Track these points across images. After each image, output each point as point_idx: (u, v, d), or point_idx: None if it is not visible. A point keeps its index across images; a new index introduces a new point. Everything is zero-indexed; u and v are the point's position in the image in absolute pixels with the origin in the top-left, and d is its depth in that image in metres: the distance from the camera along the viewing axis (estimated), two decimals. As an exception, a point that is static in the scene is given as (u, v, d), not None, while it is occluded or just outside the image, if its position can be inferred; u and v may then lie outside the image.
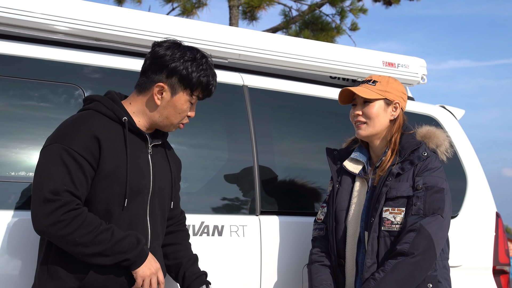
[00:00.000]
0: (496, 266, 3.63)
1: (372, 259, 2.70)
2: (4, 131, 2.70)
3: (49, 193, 2.23)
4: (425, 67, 3.91)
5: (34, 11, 2.83)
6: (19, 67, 2.76)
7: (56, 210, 2.22)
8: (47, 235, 2.27)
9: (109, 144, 2.36)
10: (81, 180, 2.30)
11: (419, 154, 2.78)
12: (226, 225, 2.99)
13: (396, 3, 11.74)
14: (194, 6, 10.89)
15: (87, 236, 2.25)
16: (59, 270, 2.33)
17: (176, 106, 2.48)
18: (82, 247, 2.26)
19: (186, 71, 2.45)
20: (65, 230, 2.23)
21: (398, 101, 2.86)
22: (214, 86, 2.54)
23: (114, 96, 2.50)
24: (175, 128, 2.55)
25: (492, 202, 3.77)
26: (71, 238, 2.24)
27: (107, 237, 2.29)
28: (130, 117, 2.46)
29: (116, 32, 3.01)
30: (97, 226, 2.29)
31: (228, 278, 2.98)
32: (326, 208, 2.97)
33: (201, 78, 2.47)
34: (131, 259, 2.34)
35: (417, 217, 2.67)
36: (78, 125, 2.35)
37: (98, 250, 2.27)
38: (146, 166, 2.47)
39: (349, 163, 2.92)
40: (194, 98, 2.51)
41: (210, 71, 2.52)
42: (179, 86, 2.47)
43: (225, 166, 3.21)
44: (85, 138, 2.32)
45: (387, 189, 2.73)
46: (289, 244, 3.12)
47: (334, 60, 3.59)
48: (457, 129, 3.85)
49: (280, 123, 3.44)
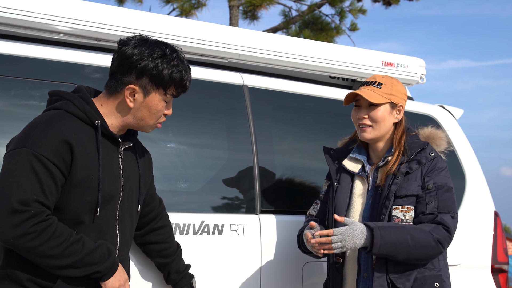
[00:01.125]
0: (495, 265, 3.63)
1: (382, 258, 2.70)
2: (6, 131, 2.70)
3: (18, 203, 2.07)
4: (424, 67, 3.93)
5: (36, 11, 2.84)
6: (21, 67, 2.77)
7: (24, 221, 2.07)
8: (14, 247, 2.11)
9: (81, 150, 2.21)
10: (52, 188, 2.14)
11: (426, 154, 2.81)
12: (226, 224, 3.00)
13: (396, 3, 11.76)
14: (192, 7, 10.90)
15: (57, 248, 2.12)
16: (21, 276, 2.18)
17: (151, 107, 2.33)
18: (51, 260, 2.13)
19: (156, 70, 2.29)
20: (33, 242, 2.09)
21: (402, 104, 2.88)
22: (188, 81, 2.37)
23: (86, 95, 2.33)
24: (152, 128, 2.41)
25: (491, 201, 3.78)
26: (40, 251, 2.10)
27: (78, 248, 2.17)
28: (103, 120, 2.31)
29: (117, 32, 3.00)
30: (67, 237, 2.15)
31: (228, 276, 2.99)
32: (319, 204, 2.98)
33: (173, 74, 2.32)
34: (102, 271, 2.23)
35: (433, 215, 2.72)
36: (49, 128, 2.18)
37: (68, 262, 2.15)
38: (117, 171, 2.34)
39: (349, 162, 2.92)
40: (169, 97, 2.35)
41: (182, 65, 2.35)
42: (150, 86, 2.31)
43: (225, 166, 3.22)
44: (56, 144, 2.16)
45: (397, 187, 2.75)
46: (289, 242, 3.12)
47: (333, 60, 3.60)
48: (455, 129, 3.86)
49: (280, 122, 3.44)
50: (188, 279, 2.72)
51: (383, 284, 2.69)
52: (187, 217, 2.90)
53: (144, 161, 2.54)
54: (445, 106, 4.00)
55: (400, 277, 2.70)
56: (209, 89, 3.21)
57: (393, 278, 2.70)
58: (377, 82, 2.86)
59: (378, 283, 2.69)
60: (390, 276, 2.70)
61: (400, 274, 2.71)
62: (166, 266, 2.69)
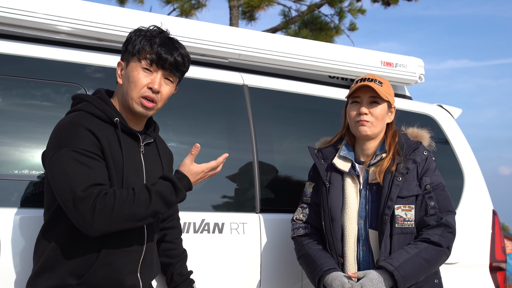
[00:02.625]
0: (493, 263, 3.65)
1: (386, 257, 2.73)
2: (8, 130, 2.72)
3: (81, 192, 2.20)
4: (423, 67, 3.94)
5: (37, 12, 2.85)
6: (23, 67, 2.78)
7: (92, 203, 2.19)
8: (100, 229, 2.22)
9: (106, 142, 2.33)
10: (103, 172, 2.28)
11: (420, 153, 2.86)
12: (226, 222, 3.01)
13: (395, 3, 11.77)
14: (193, 7, 10.92)
15: (129, 204, 2.23)
16: (56, 267, 2.30)
17: (129, 76, 2.39)
18: (134, 216, 2.24)
19: (131, 40, 2.41)
20: (108, 212, 2.20)
21: (395, 106, 2.94)
22: (158, 45, 2.38)
23: (104, 95, 2.43)
24: (139, 105, 2.40)
25: (489, 199, 3.79)
26: (120, 216, 2.21)
27: (145, 194, 2.27)
28: (122, 117, 2.41)
29: (118, 32, 3.02)
30: (131, 193, 2.26)
31: (229, 275, 3.01)
32: (307, 209, 2.97)
33: (144, 40, 2.38)
34: (181, 189, 2.33)
35: (435, 216, 2.77)
36: (75, 126, 2.30)
37: (149, 209, 2.25)
38: (139, 165, 2.43)
39: (339, 160, 2.93)
40: (143, 63, 2.38)
41: (159, 36, 2.40)
42: (129, 56, 2.41)
43: (225, 165, 3.23)
44: (88, 137, 2.29)
45: (399, 189, 2.77)
46: (289, 241, 3.12)
47: (333, 60, 3.61)
48: (454, 128, 3.87)
49: (280, 122, 3.46)
50: (189, 283, 2.73)
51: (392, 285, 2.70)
52: (188, 215, 2.92)
53: (166, 156, 2.63)
54: (443, 105, 4.01)
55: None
56: (209, 88, 3.23)
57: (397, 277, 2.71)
58: (378, 80, 2.89)
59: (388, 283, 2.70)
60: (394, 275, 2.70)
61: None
62: (170, 267, 2.71)
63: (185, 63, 2.46)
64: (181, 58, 2.43)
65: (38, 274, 2.33)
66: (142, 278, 2.43)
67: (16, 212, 2.58)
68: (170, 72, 2.42)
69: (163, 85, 2.42)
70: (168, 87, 2.45)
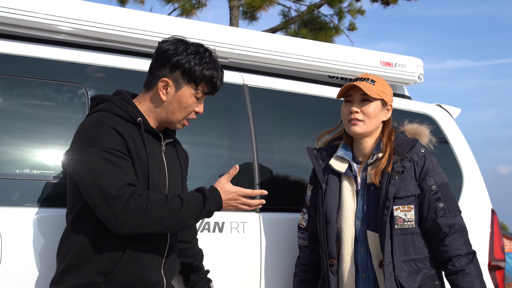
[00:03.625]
0: (492, 262, 3.65)
1: (388, 258, 2.73)
2: (10, 130, 2.73)
3: (114, 191, 2.23)
4: (422, 67, 3.95)
5: (39, 12, 2.86)
6: (24, 67, 2.79)
7: (126, 202, 2.23)
8: (130, 228, 2.26)
9: (132, 142, 2.37)
10: (131, 171, 2.32)
11: (417, 151, 2.84)
12: (226, 221, 3.02)
13: (394, 3, 11.78)
14: (193, 7, 10.94)
15: (162, 209, 2.27)
16: (83, 265, 2.33)
17: (181, 101, 2.46)
18: (163, 222, 2.28)
19: (188, 64, 2.43)
20: (140, 214, 2.24)
21: (391, 104, 2.93)
22: (219, 79, 2.49)
23: (126, 96, 2.48)
24: (181, 125, 2.53)
25: (488, 199, 3.80)
26: (151, 219, 2.26)
27: (178, 202, 2.31)
28: (144, 117, 2.45)
29: (118, 32, 3.04)
30: (164, 199, 2.31)
31: (229, 274, 3.02)
32: (307, 214, 2.99)
33: (205, 71, 2.44)
34: (209, 205, 2.36)
35: (446, 218, 2.79)
36: (102, 126, 2.34)
37: (177, 217, 2.30)
38: (161, 164, 2.48)
39: (335, 161, 2.92)
40: (200, 93, 2.47)
41: (214, 64, 2.47)
42: (183, 80, 2.44)
43: (225, 164, 3.23)
44: (114, 136, 2.32)
45: (395, 188, 2.77)
46: (289, 240, 3.15)
47: (332, 60, 3.62)
48: (453, 127, 3.88)
49: (280, 121, 3.47)
50: (206, 283, 2.76)
51: (393, 286, 2.71)
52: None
53: (184, 156, 2.69)
54: (442, 105, 4.02)
55: (407, 278, 2.74)
56: (209, 88, 3.25)
57: (400, 279, 2.73)
58: (370, 79, 2.89)
59: (389, 285, 2.71)
60: (398, 277, 2.73)
61: (407, 275, 2.74)
62: (187, 267, 2.74)
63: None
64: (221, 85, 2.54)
65: (64, 273, 2.36)
66: (165, 275, 2.46)
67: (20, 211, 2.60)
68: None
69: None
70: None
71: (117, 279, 2.32)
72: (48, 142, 2.78)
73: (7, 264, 2.53)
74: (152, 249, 2.40)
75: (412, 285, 2.72)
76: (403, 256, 2.75)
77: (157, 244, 2.42)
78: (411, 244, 2.77)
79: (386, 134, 2.90)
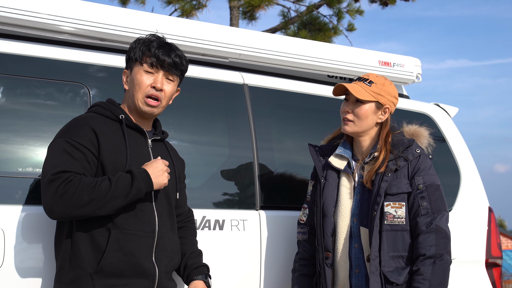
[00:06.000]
0: (489, 259, 3.66)
1: (375, 252, 2.75)
2: (13, 129, 2.75)
3: (51, 175, 2.34)
4: (420, 66, 3.96)
5: (41, 12, 2.89)
6: (27, 67, 2.81)
7: (58, 187, 2.31)
8: (61, 211, 2.34)
9: (108, 137, 2.49)
10: (84, 164, 2.42)
11: (412, 151, 2.85)
12: (227, 219, 3.04)
13: (392, 3, 11.79)
14: (193, 8, 10.94)
15: (91, 191, 2.34)
16: (73, 258, 2.42)
17: (134, 80, 2.59)
18: (94, 203, 2.34)
19: (133, 49, 2.61)
20: (69, 197, 2.32)
21: (388, 106, 2.90)
22: (156, 48, 2.58)
23: (113, 100, 2.64)
24: (145, 104, 2.58)
25: (485, 197, 3.80)
26: (80, 201, 2.32)
27: (107, 184, 2.38)
28: (127, 114, 2.60)
29: (120, 32, 3.06)
30: (95, 181, 2.37)
31: (229, 271, 3.03)
32: (308, 209, 3.01)
33: (143, 46, 2.58)
34: (139, 186, 2.41)
35: (427, 217, 2.77)
36: (78, 121, 2.51)
37: (108, 197, 2.36)
38: (146, 156, 2.58)
39: (334, 158, 2.94)
40: (145, 66, 2.58)
41: (156, 41, 2.60)
42: (132, 63, 2.61)
43: (226, 162, 3.26)
44: (84, 130, 2.46)
45: (387, 184, 2.79)
46: (288, 237, 3.17)
47: (331, 59, 3.63)
48: (450, 126, 3.89)
49: (279, 120, 3.48)
50: (201, 272, 2.69)
51: (377, 280, 2.73)
52: (189, 212, 2.95)
53: (178, 161, 2.78)
54: (440, 104, 4.03)
55: (393, 272, 2.75)
56: (210, 88, 3.26)
57: (386, 273, 2.75)
58: (369, 80, 2.89)
59: (374, 279, 2.73)
60: (384, 271, 2.75)
61: (394, 270, 2.76)
62: (183, 258, 2.69)
63: (182, 62, 2.65)
64: (178, 58, 2.63)
65: (60, 269, 2.46)
66: (158, 263, 2.51)
67: (22, 209, 2.62)
68: (170, 72, 2.61)
69: (165, 84, 2.62)
70: (170, 86, 2.64)
71: (107, 268, 2.40)
72: (50, 141, 2.80)
73: (10, 261, 2.55)
74: (138, 235, 2.47)
75: (399, 279, 2.74)
76: (391, 252, 2.77)
77: (144, 231, 2.48)
78: (400, 241, 2.78)
79: (382, 135, 2.90)
